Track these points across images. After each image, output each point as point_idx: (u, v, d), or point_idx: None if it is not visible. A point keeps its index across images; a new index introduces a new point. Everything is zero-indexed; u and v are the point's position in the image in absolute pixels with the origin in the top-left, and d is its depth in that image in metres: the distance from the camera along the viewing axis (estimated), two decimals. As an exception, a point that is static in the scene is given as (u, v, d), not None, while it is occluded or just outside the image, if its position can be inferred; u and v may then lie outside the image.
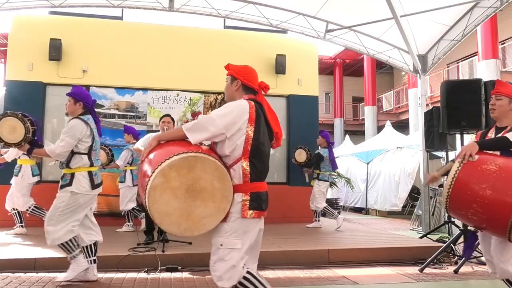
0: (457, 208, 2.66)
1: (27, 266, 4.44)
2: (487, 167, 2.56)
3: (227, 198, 2.22)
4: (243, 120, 2.30)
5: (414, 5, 7.31)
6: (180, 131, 2.29)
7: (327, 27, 8.52)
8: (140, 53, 8.03)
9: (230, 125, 2.26)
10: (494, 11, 7.11)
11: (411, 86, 16.96)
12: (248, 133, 2.30)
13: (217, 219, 2.22)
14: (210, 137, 2.28)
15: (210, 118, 2.27)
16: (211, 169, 2.17)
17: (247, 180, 2.28)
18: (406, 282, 4.36)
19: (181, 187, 2.12)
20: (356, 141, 17.74)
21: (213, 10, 8.05)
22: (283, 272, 4.73)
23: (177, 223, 2.14)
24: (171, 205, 2.11)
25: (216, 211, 2.20)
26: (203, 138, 2.27)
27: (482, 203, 2.49)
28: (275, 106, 8.57)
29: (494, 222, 2.52)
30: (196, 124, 2.28)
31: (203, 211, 2.17)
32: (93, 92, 7.80)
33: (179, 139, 2.31)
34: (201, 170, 2.15)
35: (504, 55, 15.01)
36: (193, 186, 2.14)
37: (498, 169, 2.53)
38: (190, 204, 2.14)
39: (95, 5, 7.68)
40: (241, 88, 2.51)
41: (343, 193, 14.51)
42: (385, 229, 8.90)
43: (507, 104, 3.00)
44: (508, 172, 2.54)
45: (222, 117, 2.27)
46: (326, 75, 25.18)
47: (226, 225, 2.26)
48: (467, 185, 2.57)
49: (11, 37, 7.79)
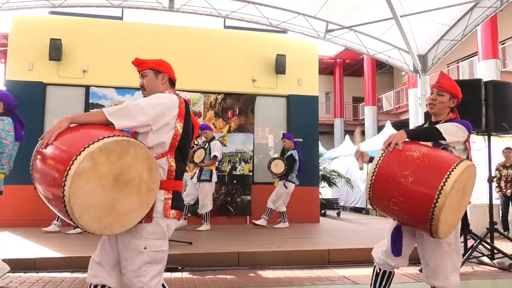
0: (379, 198, 2.40)
1: (27, 266, 4.44)
2: (410, 154, 2.32)
3: (153, 192, 2.00)
4: (173, 114, 2.13)
5: (414, 5, 7.31)
6: (100, 115, 1.98)
7: (327, 27, 8.53)
8: (140, 53, 7.96)
9: (159, 118, 2.07)
10: (494, 11, 7.11)
11: (411, 86, 16.97)
12: (177, 129, 2.13)
13: (140, 215, 1.97)
14: (135, 126, 2.05)
15: (139, 106, 2.04)
16: (142, 158, 1.93)
17: (171, 177, 2.12)
18: (406, 282, 4.36)
19: (109, 175, 1.82)
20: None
21: (213, 10, 8.06)
22: (283, 272, 4.73)
23: (98, 219, 1.83)
24: (95, 196, 1.79)
25: (140, 206, 1.95)
26: (128, 126, 2.03)
27: (403, 191, 2.25)
28: (275, 106, 8.74)
29: (416, 212, 2.26)
30: (121, 110, 2.01)
31: (128, 205, 1.90)
32: (93, 92, 7.81)
33: (97, 124, 2.00)
34: (133, 157, 1.89)
35: (504, 55, 15.00)
36: (122, 176, 1.87)
37: (421, 155, 2.30)
38: (116, 196, 1.86)
39: (95, 5, 7.68)
40: (167, 82, 2.36)
41: (343, 193, 14.51)
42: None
43: (447, 101, 2.72)
44: (432, 159, 2.32)
45: (152, 107, 2.07)
46: (326, 75, 25.18)
47: (149, 225, 2.03)
48: (389, 173, 2.32)
49: (11, 37, 7.79)
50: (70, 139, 1.89)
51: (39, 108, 7.50)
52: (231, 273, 4.56)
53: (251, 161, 8.35)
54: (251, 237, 6.36)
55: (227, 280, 4.30)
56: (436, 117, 2.79)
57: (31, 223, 6.51)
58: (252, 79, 8.46)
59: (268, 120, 8.68)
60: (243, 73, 8.42)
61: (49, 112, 7.79)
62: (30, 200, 6.56)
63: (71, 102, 7.75)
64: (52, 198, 1.84)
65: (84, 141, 1.79)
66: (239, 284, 4.17)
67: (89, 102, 7.78)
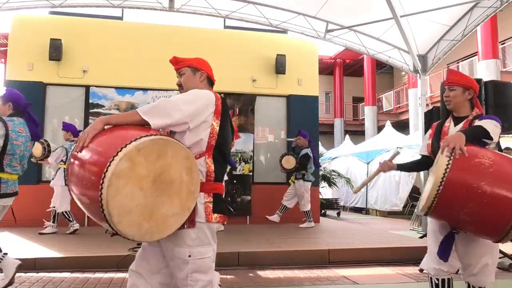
0: (447, 208, 2.33)
1: (27, 266, 4.42)
2: (480, 161, 2.26)
3: (194, 194, 1.89)
4: (209, 111, 2.01)
5: (414, 5, 7.31)
6: (135, 115, 1.90)
7: (327, 27, 8.52)
8: (140, 53, 8.03)
9: (195, 115, 1.96)
10: (494, 11, 7.10)
11: (411, 86, 16.97)
12: (213, 127, 2.02)
13: (181, 219, 1.86)
14: (172, 124, 1.93)
15: (173, 103, 1.94)
16: (182, 158, 1.83)
17: (211, 179, 2.00)
18: (406, 282, 4.36)
19: (148, 176, 1.73)
20: (356, 141, 17.74)
21: (213, 10, 8.05)
22: (283, 272, 4.73)
23: (138, 223, 1.72)
24: (135, 199, 1.69)
25: (180, 210, 1.84)
26: (164, 124, 1.92)
27: (480, 202, 2.21)
28: (275, 106, 8.73)
29: (490, 222, 2.25)
30: (155, 108, 1.92)
31: (168, 209, 1.79)
32: (93, 92, 7.81)
33: (133, 124, 1.90)
34: (172, 157, 1.79)
35: (504, 55, 15.00)
36: (162, 177, 1.77)
37: (493, 163, 2.26)
38: (156, 199, 1.76)
39: (95, 5, 7.67)
40: (205, 81, 2.26)
41: (343, 193, 14.51)
42: (385, 229, 8.90)
43: (461, 94, 2.75)
44: (502, 167, 2.31)
45: (187, 103, 1.96)
46: (326, 75, 25.18)
47: (192, 231, 1.92)
48: (461, 183, 2.25)
49: (11, 37, 7.79)
50: (106, 140, 1.81)
51: (39, 108, 7.50)
52: (231, 273, 4.56)
53: (251, 161, 8.35)
54: (251, 237, 6.36)
55: (227, 280, 4.30)
56: (458, 113, 2.82)
57: (31, 223, 6.51)
58: (252, 79, 8.46)
59: (268, 120, 8.69)
60: (243, 73, 8.42)
61: (49, 112, 7.79)
62: (30, 200, 6.58)
63: (71, 102, 7.76)
64: (89, 202, 1.74)
65: (121, 142, 1.71)
66: (239, 284, 4.17)
67: (89, 102, 7.79)
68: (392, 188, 11.88)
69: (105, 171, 1.62)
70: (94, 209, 1.70)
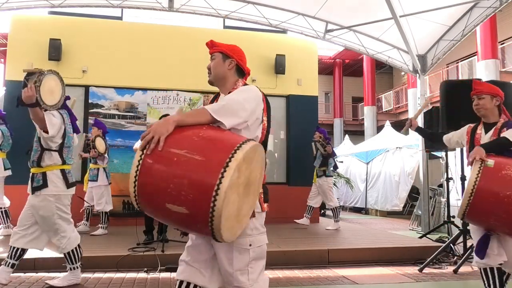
0: (478, 214, 2.75)
1: (27, 266, 4.44)
2: (507, 173, 2.66)
3: (259, 189, 1.94)
4: (261, 108, 2.02)
5: (414, 5, 7.31)
6: (205, 114, 1.81)
7: (327, 27, 8.53)
8: (140, 53, 8.03)
9: (253, 112, 1.95)
10: (494, 11, 7.11)
11: (411, 86, 16.95)
12: (264, 123, 2.05)
13: (251, 213, 1.91)
14: (239, 124, 1.89)
15: (238, 101, 1.90)
16: (261, 159, 1.86)
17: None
18: (406, 282, 4.36)
19: (243, 182, 1.72)
20: (355, 141, 17.75)
21: (212, 10, 8.05)
22: (282, 272, 4.73)
23: (231, 227, 1.71)
24: (234, 206, 1.68)
25: (251, 206, 1.89)
26: (235, 123, 1.87)
27: (506, 209, 2.59)
28: (275, 106, 8.71)
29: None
30: (225, 108, 1.86)
31: (246, 207, 1.82)
32: (92, 92, 7.81)
33: (204, 123, 1.81)
34: (257, 161, 1.81)
35: (503, 55, 15.01)
36: (249, 180, 1.77)
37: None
38: (243, 201, 1.76)
39: (95, 5, 7.68)
40: (234, 69, 2.18)
41: (343, 193, 14.52)
42: (384, 229, 8.91)
43: (490, 101, 3.11)
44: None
45: (248, 101, 1.94)
46: (326, 75, 25.18)
47: (251, 221, 1.95)
48: (489, 193, 2.65)
49: (11, 37, 7.79)
50: (195, 145, 1.67)
51: (39, 108, 7.49)
52: (231, 273, 4.55)
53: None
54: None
55: (226, 280, 4.30)
56: (488, 119, 3.16)
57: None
58: (251, 79, 8.46)
59: (267, 120, 8.67)
60: (243, 73, 8.42)
61: (49, 112, 7.78)
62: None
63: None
64: (186, 213, 1.61)
65: (221, 149, 1.64)
66: (238, 284, 4.16)
67: (88, 102, 7.80)
68: (392, 188, 11.89)
69: (218, 183, 1.54)
70: (188, 220, 1.65)
